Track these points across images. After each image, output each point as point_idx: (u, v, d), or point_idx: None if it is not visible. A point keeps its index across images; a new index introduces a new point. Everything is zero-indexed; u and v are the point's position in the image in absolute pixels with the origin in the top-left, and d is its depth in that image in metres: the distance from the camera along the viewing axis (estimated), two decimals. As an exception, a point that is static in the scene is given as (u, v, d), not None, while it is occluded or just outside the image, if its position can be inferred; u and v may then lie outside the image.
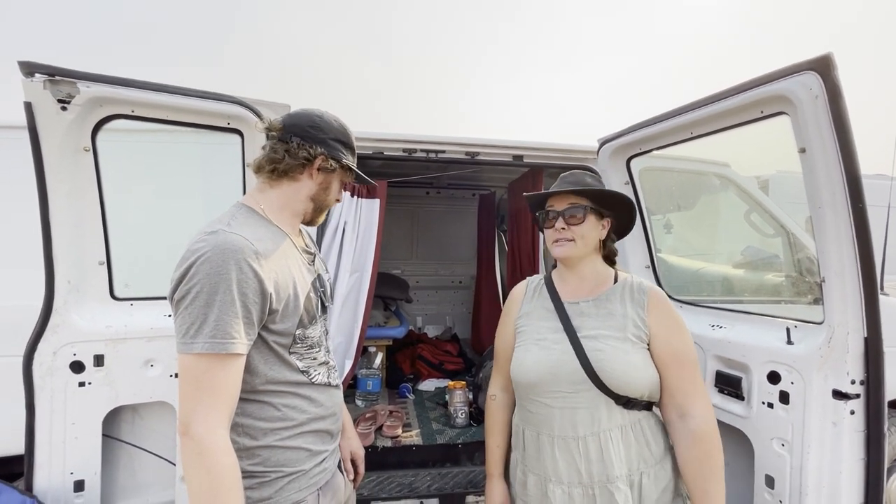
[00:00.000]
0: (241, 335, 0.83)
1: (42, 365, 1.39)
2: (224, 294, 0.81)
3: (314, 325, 1.01)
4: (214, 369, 0.81)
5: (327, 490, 1.03)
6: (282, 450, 0.94)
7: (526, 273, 2.78)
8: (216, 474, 0.78)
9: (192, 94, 1.42)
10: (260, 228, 0.94)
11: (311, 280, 1.02)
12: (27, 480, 1.39)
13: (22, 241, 1.60)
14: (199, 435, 0.79)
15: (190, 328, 0.81)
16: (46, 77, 1.26)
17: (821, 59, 1.11)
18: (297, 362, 0.97)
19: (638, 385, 1.02)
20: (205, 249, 0.83)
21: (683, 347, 1.03)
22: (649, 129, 1.69)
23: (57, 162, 1.35)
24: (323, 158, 1.00)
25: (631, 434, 1.03)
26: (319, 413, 1.01)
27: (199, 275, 0.81)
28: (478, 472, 2.22)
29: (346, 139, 1.05)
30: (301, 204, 1.04)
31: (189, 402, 0.81)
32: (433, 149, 2.06)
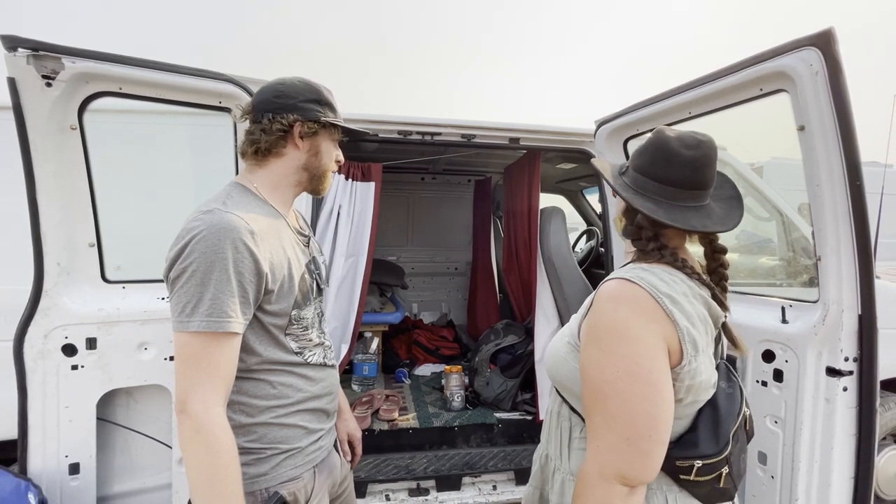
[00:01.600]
0: (238, 314, 0.83)
1: (33, 348, 1.37)
2: (220, 273, 0.81)
3: (308, 307, 1.01)
4: (211, 348, 0.81)
5: (323, 468, 1.03)
6: (278, 427, 0.95)
7: (522, 259, 2.78)
8: (214, 451, 0.79)
9: (183, 71, 1.39)
10: (256, 208, 0.93)
11: (305, 262, 1.02)
12: (21, 464, 1.38)
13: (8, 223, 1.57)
14: (196, 412, 0.79)
15: (186, 306, 0.81)
16: (30, 52, 1.22)
17: (822, 34, 1.10)
18: (292, 343, 0.97)
19: (552, 372, 0.90)
20: (200, 228, 0.82)
21: (585, 368, 0.78)
22: (647, 109, 1.67)
23: (42, 140, 1.31)
24: (300, 124, 0.96)
25: (555, 421, 0.94)
26: (315, 392, 1.01)
27: (195, 254, 0.81)
28: (473, 455, 2.24)
29: (317, 96, 0.99)
30: (295, 176, 1.01)
31: (185, 380, 0.80)
32: (428, 131, 2.04)
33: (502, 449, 2.29)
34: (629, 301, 0.76)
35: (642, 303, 0.75)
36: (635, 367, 0.73)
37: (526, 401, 2.53)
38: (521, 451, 2.28)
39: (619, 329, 0.75)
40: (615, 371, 0.73)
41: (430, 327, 3.83)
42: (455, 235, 4.30)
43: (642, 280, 0.77)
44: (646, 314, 0.74)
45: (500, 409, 2.51)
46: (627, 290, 0.77)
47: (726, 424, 0.81)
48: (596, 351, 0.76)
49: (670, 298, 0.75)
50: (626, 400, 0.73)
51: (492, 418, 2.41)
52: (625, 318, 0.75)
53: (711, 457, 0.78)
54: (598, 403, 0.76)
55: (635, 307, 0.75)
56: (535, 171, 2.49)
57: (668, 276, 0.80)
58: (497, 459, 2.20)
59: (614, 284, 0.79)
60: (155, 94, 1.41)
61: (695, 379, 0.77)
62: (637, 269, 0.82)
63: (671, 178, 0.82)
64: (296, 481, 0.95)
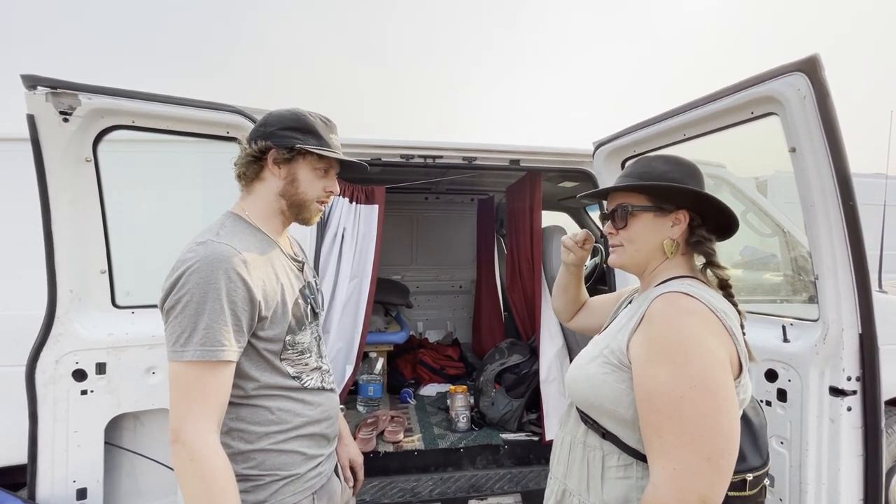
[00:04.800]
0: (231, 342, 0.85)
1: (44, 373, 1.41)
2: (213, 303, 0.83)
3: (304, 332, 1.01)
4: (205, 376, 0.82)
5: (322, 494, 1.03)
6: (276, 453, 0.95)
7: (525, 277, 2.79)
8: (210, 477, 0.79)
9: (192, 104, 1.45)
10: (248, 237, 0.96)
11: (299, 287, 1.03)
12: (30, 489, 1.40)
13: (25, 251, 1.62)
14: (189, 441, 0.80)
15: (180, 336, 0.82)
16: (49, 90, 1.28)
17: (808, 60, 1.13)
18: (289, 368, 0.98)
19: (584, 396, 0.84)
20: (194, 260, 0.84)
21: (654, 385, 0.72)
22: (643, 131, 1.71)
23: (59, 172, 1.37)
24: (274, 150, 0.97)
25: (578, 451, 0.87)
26: (314, 416, 1.01)
27: (189, 284, 0.83)
28: (479, 476, 2.22)
29: (297, 124, 0.99)
30: (276, 203, 1.02)
31: (179, 408, 0.82)
32: (431, 154, 2.08)
33: (508, 471, 2.27)
34: (694, 314, 0.75)
35: (706, 317, 0.75)
36: (711, 381, 0.70)
37: (532, 421, 2.51)
38: (527, 472, 2.25)
39: (692, 341, 0.72)
40: (691, 385, 0.69)
41: (436, 346, 3.82)
42: (459, 254, 4.32)
43: (699, 295, 0.77)
44: (711, 328, 0.74)
45: (506, 429, 2.49)
46: (689, 303, 0.76)
47: (762, 435, 0.82)
48: (666, 365, 0.72)
49: (725, 314, 0.77)
50: (705, 415, 0.68)
51: (497, 439, 2.39)
52: (695, 331, 0.73)
53: (759, 468, 0.78)
54: (671, 422, 0.70)
55: (701, 320, 0.74)
56: (536, 191, 2.52)
57: (713, 293, 0.82)
58: (503, 481, 2.18)
59: (673, 298, 0.78)
60: (166, 126, 1.47)
61: (746, 393, 0.79)
62: (685, 285, 0.81)
63: None
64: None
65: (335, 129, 1.05)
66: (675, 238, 0.88)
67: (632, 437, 0.79)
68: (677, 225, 0.88)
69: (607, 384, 0.80)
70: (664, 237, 0.88)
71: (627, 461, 0.80)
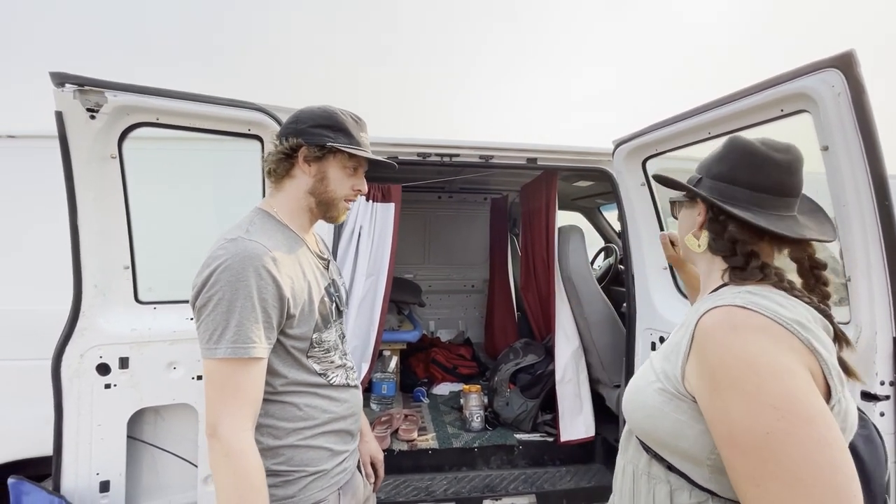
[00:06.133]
0: (262, 339, 0.86)
1: (69, 367, 1.43)
2: (244, 300, 0.84)
3: (329, 330, 1.03)
4: (238, 373, 0.84)
5: (347, 490, 1.04)
6: (304, 449, 0.96)
7: (540, 277, 2.78)
8: (243, 474, 0.81)
9: (214, 101, 1.45)
10: (277, 234, 0.96)
11: (324, 285, 1.04)
12: (55, 481, 1.42)
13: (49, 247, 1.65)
14: (225, 437, 0.81)
15: (213, 334, 0.84)
16: (76, 87, 1.30)
17: (843, 56, 1.10)
18: (315, 366, 0.99)
19: (640, 425, 0.73)
20: (225, 257, 0.85)
21: (729, 424, 0.59)
22: (666, 129, 1.68)
23: (85, 169, 1.38)
24: (305, 148, 0.97)
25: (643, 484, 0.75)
26: (340, 413, 1.03)
27: (220, 282, 0.84)
28: (494, 476, 2.21)
29: (329, 122, 0.98)
30: (304, 200, 1.02)
31: (215, 405, 0.83)
32: (447, 153, 2.08)
33: (523, 471, 2.26)
34: (755, 329, 0.60)
35: (771, 331, 0.60)
36: (802, 407, 0.55)
37: (547, 422, 2.49)
38: (542, 473, 2.24)
39: (761, 361, 0.58)
40: (777, 416, 0.55)
41: (448, 345, 3.82)
42: (471, 253, 4.31)
43: (758, 306, 0.62)
44: (781, 343, 0.59)
45: (521, 430, 2.48)
46: (745, 317, 0.62)
47: (878, 477, 0.64)
48: (736, 397, 0.57)
49: (799, 324, 0.60)
50: (807, 451, 0.53)
51: (512, 439, 2.38)
52: (759, 347, 0.59)
53: None
54: (766, 466, 0.55)
55: (766, 336, 0.60)
56: (552, 190, 2.50)
57: (784, 300, 0.66)
58: (518, 482, 2.17)
59: (723, 313, 0.64)
60: (189, 123, 1.48)
61: (846, 421, 0.61)
62: (742, 292, 0.67)
63: (763, 183, 0.72)
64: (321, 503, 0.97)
65: (365, 127, 1.05)
66: (696, 231, 0.78)
67: (700, 475, 0.65)
68: (701, 216, 0.78)
69: (665, 415, 0.68)
70: (691, 229, 0.80)
71: (701, 497, 0.66)
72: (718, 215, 0.75)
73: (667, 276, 1.99)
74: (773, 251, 0.75)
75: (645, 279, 2.01)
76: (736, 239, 0.73)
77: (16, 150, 1.83)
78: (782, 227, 0.70)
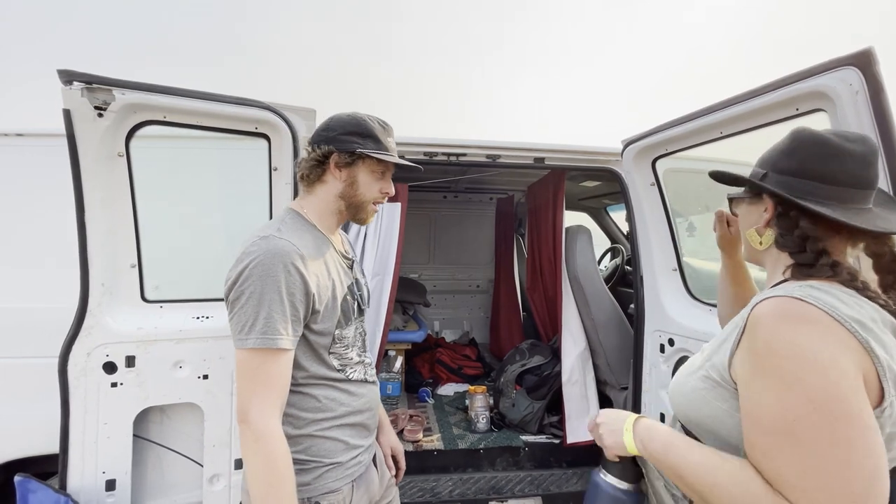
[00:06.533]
0: (289, 332, 0.92)
1: (76, 366, 1.42)
2: (273, 294, 0.90)
3: (349, 326, 1.07)
4: (267, 363, 0.90)
5: (361, 482, 1.09)
6: (321, 440, 1.02)
7: (546, 278, 2.76)
8: (271, 458, 0.87)
9: (222, 99, 1.45)
10: (305, 233, 1.02)
11: (348, 284, 1.09)
12: (61, 479, 1.42)
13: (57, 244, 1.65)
14: (255, 422, 0.87)
15: (245, 326, 0.90)
16: (84, 85, 1.29)
17: (861, 53, 1.08)
18: (335, 361, 1.05)
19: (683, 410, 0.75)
20: (257, 253, 0.91)
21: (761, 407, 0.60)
22: (676, 129, 1.66)
23: (93, 167, 1.38)
24: (336, 154, 1.03)
25: None
26: (357, 406, 1.08)
27: (252, 277, 0.90)
28: (500, 478, 2.19)
29: (357, 129, 1.04)
30: (334, 204, 1.08)
31: (245, 393, 0.89)
32: (454, 152, 2.06)
33: (529, 473, 2.24)
34: (809, 322, 0.59)
35: (826, 325, 0.59)
36: (839, 404, 0.55)
37: (553, 424, 2.47)
38: (548, 475, 2.22)
39: (805, 352, 0.57)
40: (810, 409, 0.55)
41: (453, 346, 3.81)
42: (477, 253, 4.30)
43: (818, 300, 0.61)
44: (834, 338, 0.58)
45: (527, 431, 2.46)
46: (800, 309, 0.61)
47: None
48: (775, 384, 0.58)
49: (859, 323, 0.59)
50: (832, 445, 0.54)
51: (518, 441, 2.37)
52: (809, 339, 0.58)
53: None
54: (784, 450, 0.57)
55: (820, 329, 0.59)
56: (559, 190, 2.48)
57: (849, 298, 0.64)
58: (524, 484, 2.15)
59: (778, 302, 0.63)
60: (196, 121, 1.48)
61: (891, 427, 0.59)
62: (804, 286, 0.65)
63: (838, 176, 0.69)
64: (335, 493, 1.02)
65: (392, 132, 1.10)
66: (761, 227, 0.77)
67: None
68: (767, 213, 0.76)
69: (707, 402, 0.70)
70: (754, 225, 0.78)
71: None
72: (789, 211, 0.72)
73: (676, 278, 1.97)
74: (846, 247, 0.72)
75: (654, 280, 1.99)
76: (807, 235, 0.70)
77: (25, 148, 1.83)
78: (863, 220, 0.66)
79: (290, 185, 1.55)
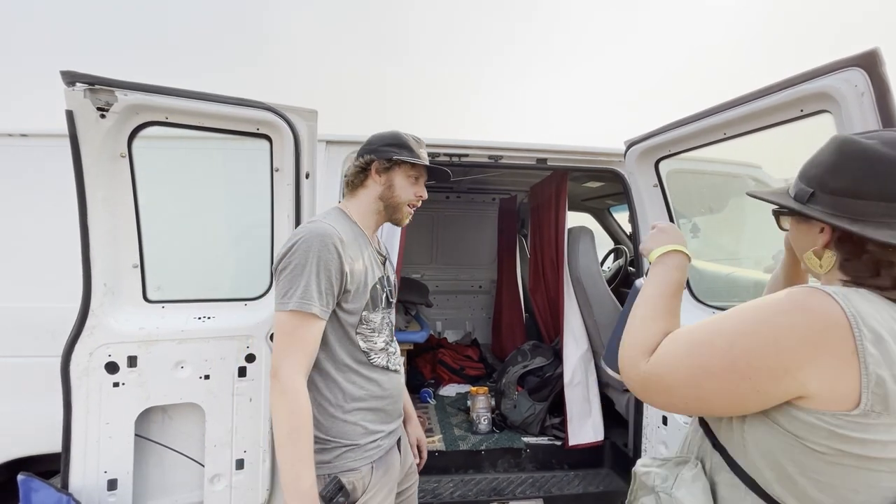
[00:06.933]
0: (322, 303, 1.06)
1: (79, 366, 1.43)
2: (312, 266, 1.04)
3: (377, 312, 1.20)
4: (301, 327, 1.04)
5: (381, 464, 1.18)
6: (341, 423, 1.13)
7: (549, 279, 2.75)
8: (295, 409, 1.01)
9: (224, 100, 1.45)
10: (346, 226, 1.18)
11: (379, 276, 1.23)
12: (63, 478, 1.43)
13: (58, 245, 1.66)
14: (283, 378, 1.01)
15: (287, 292, 1.04)
16: (87, 86, 1.30)
17: (867, 54, 1.07)
18: (361, 342, 1.16)
19: None
20: (304, 233, 1.08)
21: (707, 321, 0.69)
22: (680, 130, 1.65)
23: (95, 168, 1.38)
24: (377, 162, 1.21)
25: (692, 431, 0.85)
26: (378, 393, 1.18)
27: (298, 252, 1.06)
28: (501, 480, 2.19)
29: (396, 141, 1.23)
30: (374, 205, 1.25)
31: (279, 352, 1.04)
32: (456, 153, 2.06)
33: (530, 475, 2.23)
34: (810, 311, 0.59)
35: (827, 320, 0.58)
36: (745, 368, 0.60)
37: (555, 425, 2.47)
38: (549, 477, 2.22)
39: (767, 325, 0.60)
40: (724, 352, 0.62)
41: (455, 346, 3.80)
42: (479, 253, 4.29)
43: (847, 300, 0.59)
44: (819, 333, 0.58)
45: (528, 433, 2.45)
46: (819, 301, 0.60)
47: None
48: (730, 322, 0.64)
49: (875, 336, 0.57)
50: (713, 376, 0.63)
51: (519, 443, 2.36)
52: (784, 323, 0.59)
53: None
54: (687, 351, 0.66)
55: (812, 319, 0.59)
56: (562, 191, 2.48)
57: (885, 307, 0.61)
58: (525, 486, 2.15)
59: (805, 290, 0.62)
60: (198, 122, 1.48)
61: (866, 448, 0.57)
62: (850, 291, 0.62)
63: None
64: (354, 472, 1.12)
65: (423, 144, 1.29)
66: (818, 250, 0.71)
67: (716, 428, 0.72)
68: (822, 234, 0.70)
69: None
70: (810, 247, 0.73)
71: (734, 481, 0.68)
72: (850, 234, 0.66)
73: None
74: None
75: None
76: (879, 259, 0.64)
77: (28, 148, 1.84)
78: None
79: (291, 185, 1.54)
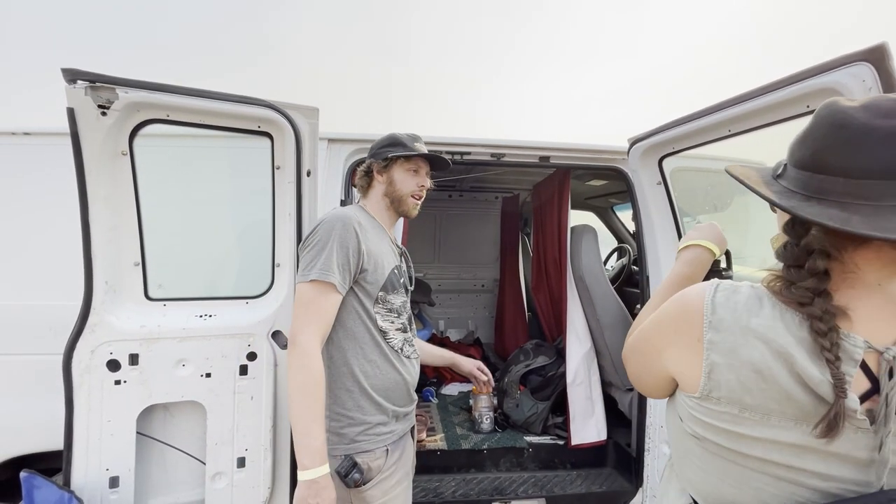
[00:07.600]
0: (341, 275, 1.16)
1: (80, 363, 1.43)
2: (332, 243, 1.16)
3: (396, 294, 1.29)
4: (320, 297, 1.14)
5: (395, 448, 1.27)
6: (354, 408, 1.21)
7: (552, 278, 2.73)
8: (308, 371, 1.09)
9: (225, 98, 1.44)
10: (366, 217, 1.32)
11: (395, 263, 1.33)
12: (65, 476, 1.43)
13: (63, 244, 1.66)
14: (301, 343, 1.10)
15: (309, 265, 1.15)
16: (88, 83, 1.30)
17: (875, 49, 1.05)
18: (379, 320, 1.25)
19: None
20: (328, 217, 1.22)
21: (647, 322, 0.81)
22: (683, 127, 1.63)
23: (96, 166, 1.38)
24: (376, 163, 1.35)
25: None
26: (391, 374, 1.26)
27: (321, 231, 1.18)
28: (503, 479, 2.18)
29: (390, 141, 1.36)
30: (383, 201, 1.38)
31: (298, 320, 1.13)
32: (458, 150, 2.05)
33: (533, 474, 2.22)
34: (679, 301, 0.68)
35: (683, 311, 0.66)
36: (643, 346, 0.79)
37: (557, 425, 2.45)
38: (552, 476, 2.20)
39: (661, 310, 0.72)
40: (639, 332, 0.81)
41: (457, 345, 3.80)
42: (482, 252, 4.28)
43: (723, 292, 0.62)
44: (677, 325, 0.67)
45: (531, 432, 2.44)
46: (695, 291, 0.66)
47: None
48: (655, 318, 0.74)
49: (725, 325, 0.58)
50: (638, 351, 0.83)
51: (522, 442, 2.35)
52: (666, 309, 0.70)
53: None
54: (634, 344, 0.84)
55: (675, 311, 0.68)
56: (564, 189, 2.46)
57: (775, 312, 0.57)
58: (528, 485, 2.14)
59: (700, 283, 0.68)
60: (199, 119, 1.48)
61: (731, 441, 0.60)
62: (744, 285, 0.62)
63: (864, 166, 0.52)
64: (369, 454, 1.20)
65: (420, 139, 1.39)
66: (780, 234, 0.66)
67: None
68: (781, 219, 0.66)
69: None
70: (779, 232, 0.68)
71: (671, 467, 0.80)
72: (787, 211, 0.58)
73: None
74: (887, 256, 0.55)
75: (660, 280, 1.96)
76: (812, 249, 0.56)
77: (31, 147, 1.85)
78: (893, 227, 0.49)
79: (292, 183, 1.54)
